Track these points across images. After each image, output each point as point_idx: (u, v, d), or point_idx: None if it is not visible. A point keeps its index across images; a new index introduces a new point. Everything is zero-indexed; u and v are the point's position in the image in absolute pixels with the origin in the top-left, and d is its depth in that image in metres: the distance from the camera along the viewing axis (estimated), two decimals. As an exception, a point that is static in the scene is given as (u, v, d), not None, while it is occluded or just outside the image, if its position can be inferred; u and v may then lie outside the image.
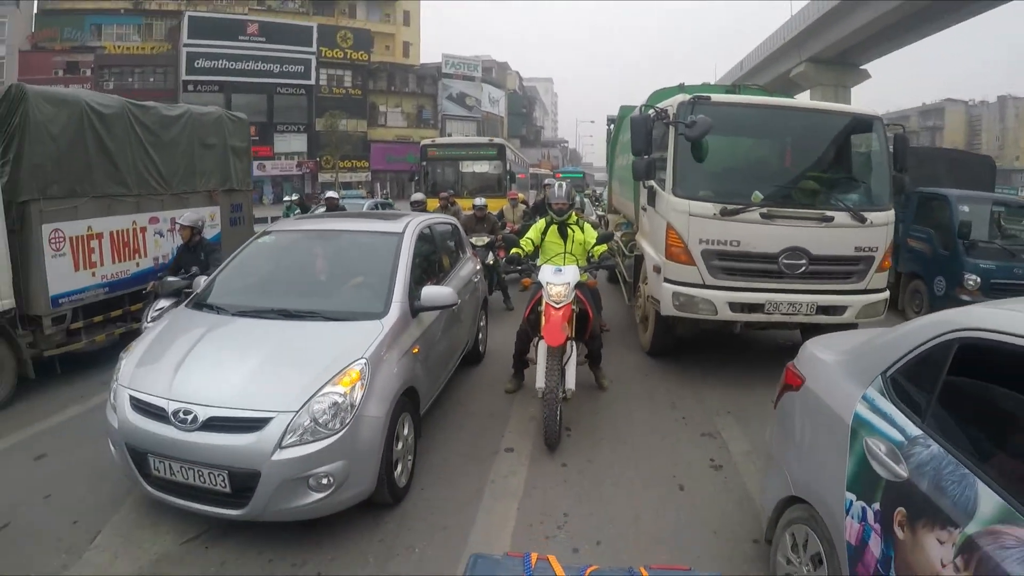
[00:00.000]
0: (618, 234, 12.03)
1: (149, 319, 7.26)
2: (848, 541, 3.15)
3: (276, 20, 58.85)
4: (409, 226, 6.76)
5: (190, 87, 53.49)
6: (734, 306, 7.72)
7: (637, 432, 6.60)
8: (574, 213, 7.54)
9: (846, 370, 3.67)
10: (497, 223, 12.96)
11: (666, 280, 7.96)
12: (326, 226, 7.61)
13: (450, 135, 60.68)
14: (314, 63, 59.12)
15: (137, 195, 9.23)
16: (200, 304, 5.94)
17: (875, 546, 2.96)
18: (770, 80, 65.63)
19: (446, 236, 8.16)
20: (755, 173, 8.47)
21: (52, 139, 7.77)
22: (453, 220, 9.09)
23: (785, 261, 7.53)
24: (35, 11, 56.38)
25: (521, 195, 18.42)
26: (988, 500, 2.47)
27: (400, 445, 5.16)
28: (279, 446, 4.33)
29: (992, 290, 10.47)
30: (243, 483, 4.35)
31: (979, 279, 10.65)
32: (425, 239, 7.04)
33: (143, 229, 9.34)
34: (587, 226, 7.54)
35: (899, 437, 3.01)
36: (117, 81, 54.16)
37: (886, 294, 8.10)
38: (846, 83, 61.45)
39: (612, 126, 16.34)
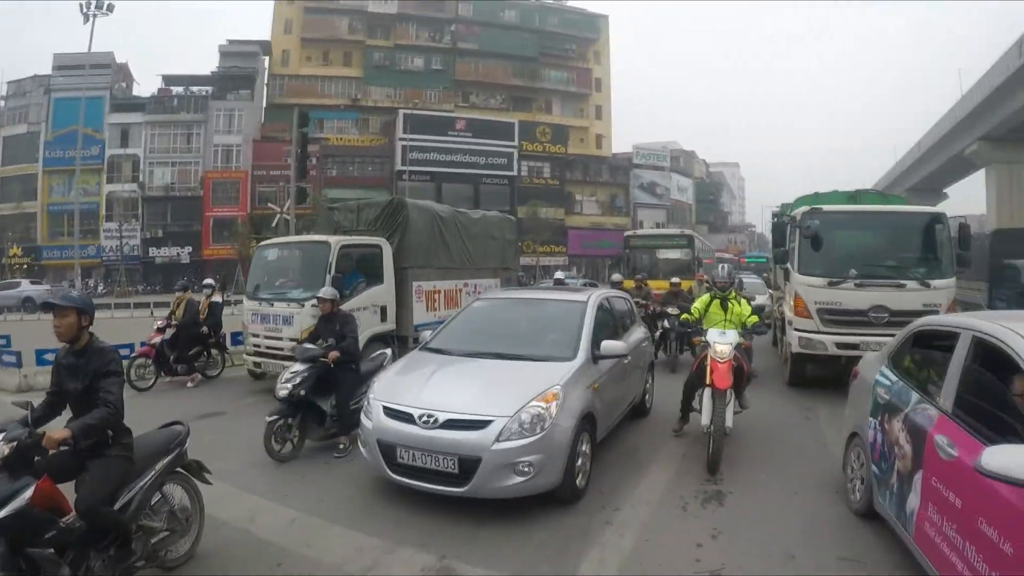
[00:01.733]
0: (775, 305, 15.97)
1: (284, 380, 8.07)
2: (869, 443, 5.83)
3: (481, 117, 65.13)
4: (591, 297, 8.52)
5: (404, 176, 58.81)
6: (839, 345, 11.23)
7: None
8: (733, 290, 9.11)
9: (876, 361, 6.46)
10: (688, 297, 15.61)
11: (795, 329, 11.77)
12: (527, 295, 10.20)
13: (641, 223, 65.06)
14: (516, 156, 64.36)
15: (458, 268, 14.39)
16: (429, 348, 7.88)
17: (878, 439, 5.59)
18: (946, 159, 64.11)
19: (621, 308, 9.81)
20: (852, 256, 11.67)
21: (418, 231, 13.03)
22: (626, 295, 11.25)
23: (872, 315, 10.96)
24: (264, 105, 64.23)
25: (706, 277, 21.90)
26: (914, 397, 5.14)
27: (579, 458, 6.50)
28: (496, 440, 5.87)
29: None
30: (468, 467, 5.87)
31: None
32: (604, 308, 8.63)
33: (459, 289, 14.47)
34: (743, 301, 9.10)
35: (888, 382, 5.74)
36: (339, 170, 61.16)
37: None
38: (1022, 159, 58.08)
39: (775, 219, 20.05)
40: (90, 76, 54.82)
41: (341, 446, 8.07)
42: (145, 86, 67.09)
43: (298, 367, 8.15)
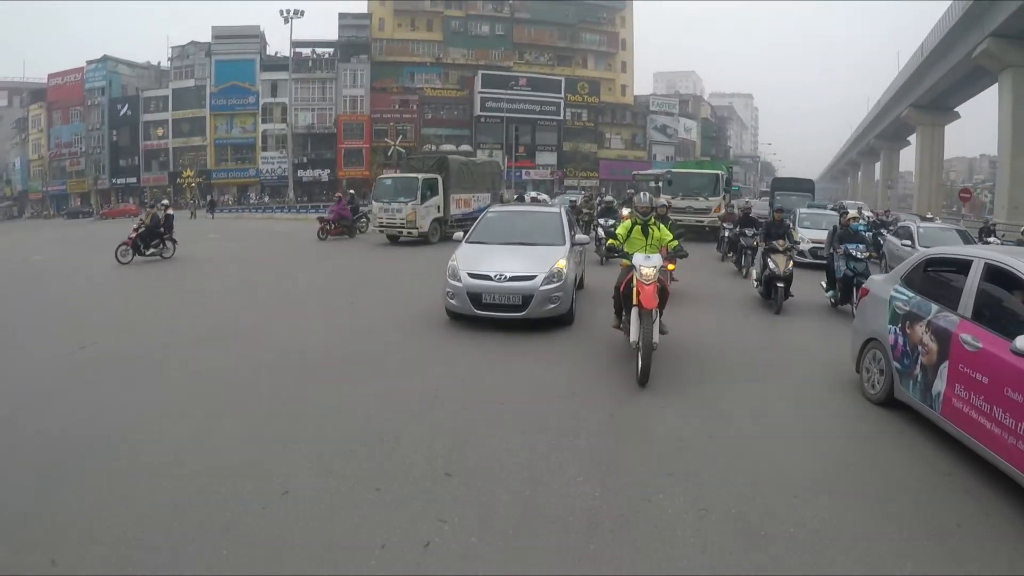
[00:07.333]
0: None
1: None
2: (890, 345, 6.92)
3: (536, 74, 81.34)
4: (560, 207, 13.58)
5: (481, 120, 78.67)
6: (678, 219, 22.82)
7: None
8: (653, 216, 9.36)
9: (886, 281, 7.80)
10: (616, 210, 23.08)
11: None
12: (519, 208, 16.89)
13: (655, 156, 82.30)
14: (562, 104, 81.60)
15: (470, 188, 30.94)
16: (471, 241, 11.75)
17: (900, 342, 6.70)
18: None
19: (570, 217, 13.75)
20: (683, 187, 28.44)
21: (454, 172, 29.45)
22: (568, 209, 15.72)
23: (687, 208, 27.50)
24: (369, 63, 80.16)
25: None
26: (933, 308, 6.21)
27: (573, 298, 10.70)
28: (540, 285, 9.94)
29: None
30: (525, 300, 9.92)
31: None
32: (567, 214, 13.05)
33: (468, 200, 29.69)
34: (663, 226, 9.42)
35: (905, 297, 6.91)
36: (433, 115, 79.20)
37: (714, 217, 26.61)
38: (940, 123, 70.28)
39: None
40: (245, 43, 76.66)
41: None
42: (274, 47, 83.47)
43: None
